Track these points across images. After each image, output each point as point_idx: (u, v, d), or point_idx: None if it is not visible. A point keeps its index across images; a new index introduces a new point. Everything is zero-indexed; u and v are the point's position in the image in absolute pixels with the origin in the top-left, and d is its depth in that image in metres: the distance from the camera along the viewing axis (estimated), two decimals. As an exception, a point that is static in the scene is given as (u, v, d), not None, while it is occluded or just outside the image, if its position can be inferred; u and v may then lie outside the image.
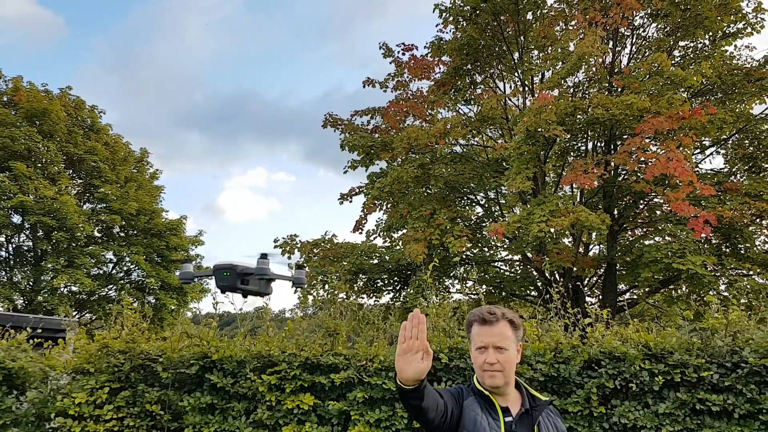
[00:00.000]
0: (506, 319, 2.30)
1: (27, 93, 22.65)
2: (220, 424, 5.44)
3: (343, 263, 14.51)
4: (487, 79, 15.74)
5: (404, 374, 1.96)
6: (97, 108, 25.03)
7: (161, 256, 24.14)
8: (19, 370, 5.82)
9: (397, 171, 13.47)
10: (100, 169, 23.23)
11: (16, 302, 21.76)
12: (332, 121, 16.91)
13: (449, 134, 13.42)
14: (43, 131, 22.15)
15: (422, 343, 1.95)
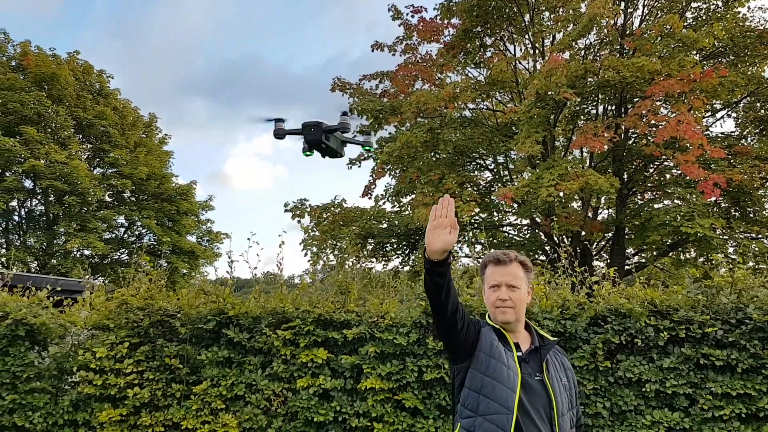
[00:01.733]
0: (518, 261, 2.42)
1: (35, 58, 22.64)
2: (237, 376, 5.64)
3: (353, 227, 14.65)
4: (497, 41, 15.60)
5: (433, 246, 2.11)
6: (105, 73, 25.03)
7: (172, 220, 24.39)
8: (41, 326, 6.02)
9: (406, 136, 13.49)
10: (109, 133, 23.33)
11: (30, 265, 22.11)
12: (341, 85, 16.87)
13: (458, 98, 13.39)
14: (52, 96, 22.20)
15: (450, 220, 2.12)
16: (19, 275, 8.26)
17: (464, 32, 14.30)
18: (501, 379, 2.20)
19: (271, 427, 5.56)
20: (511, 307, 2.34)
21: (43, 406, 5.81)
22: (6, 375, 5.82)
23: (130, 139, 24.21)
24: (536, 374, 2.28)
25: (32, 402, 5.81)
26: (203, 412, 5.66)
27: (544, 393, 2.24)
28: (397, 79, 16.32)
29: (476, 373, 2.25)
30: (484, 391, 2.20)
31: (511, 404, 2.16)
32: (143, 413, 5.72)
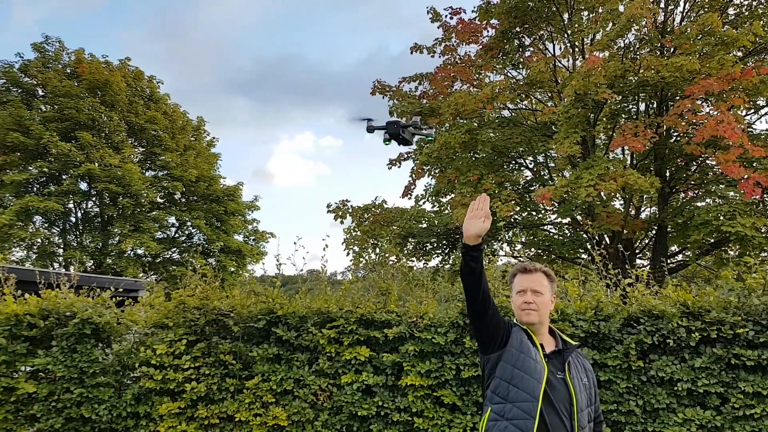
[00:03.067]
0: (542, 271, 2.75)
1: (89, 65, 23.65)
2: (286, 372, 6.02)
3: (393, 227, 14.95)
4: (536, 41, 15.66)
5: (469, 232, 2.51)
6: (155, 78, 25.98)
7: (220, 220, 25.19)
8: (105, 324, 6.51)
9: (445, 137, 13.70)
10: (160, 137, 24.25)
11: (87, 264, 23.15)
12: (380, 88, 17.15)
13: (497, 99, 13.53)
14: (105, 102, 23.18)
15: (485, 211, 2.51)
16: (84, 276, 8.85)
17: (502, 33, 14.43)
18: (529, 372, 2.49)
19: (318, 421, 5.92)
20: (535, 310, 2.64)
21: (108, 399, 6.29)
22: (74, 370, 6.32)
23: (180, 143, 25.07)
24: (559, 373, 2.56)
25: (98, 395, 6.29)
26: (255, 406, 6.05)
27: (566, 390, 2.51)
28: (436, 81, 16.52)
29: (507, 365, 2.54)
30: (514, 381, 2.50)
31: (537, 394, 2.44)
32: (200, 406, 6.15)
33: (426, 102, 16.96)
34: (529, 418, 2.43)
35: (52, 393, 6.33)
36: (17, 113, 21.61)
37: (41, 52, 23.86)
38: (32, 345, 6.52)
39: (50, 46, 24.09)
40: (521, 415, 2.44)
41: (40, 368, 6.37)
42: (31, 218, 22.34)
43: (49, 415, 6.32)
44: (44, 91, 23.32)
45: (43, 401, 6.34)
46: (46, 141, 21.15)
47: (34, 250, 23.13)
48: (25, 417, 6.42)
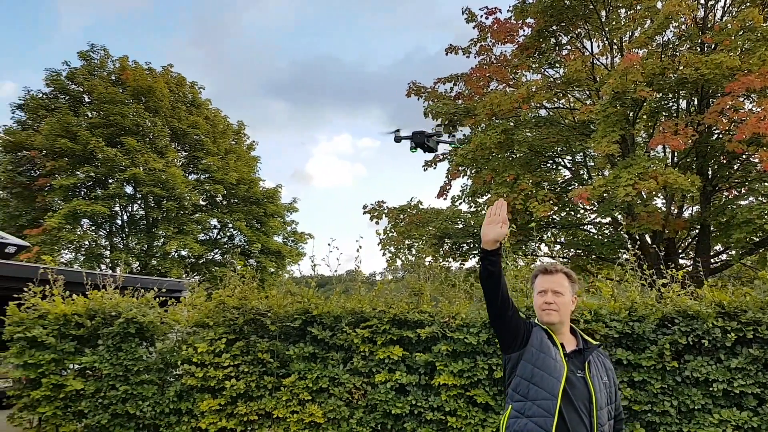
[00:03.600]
0: (563, 272, 2.81)
1: (133, 72, 24.36)
2: (321, 370, 6.16)
3: (429, 228, 15.00)
4: (573, 39, 15.51)
5: (487, 236, 2.59)
6: (197, 84, 26.59)
7: (260, 222, 25.65)
8: (149, 324, 6.76)
9: (480, 137, 13.69)
10: (202, 142, 24.83)
11: (133, 266, 23.85)
12: (416, 90, 17.23)
13: (533, 98, 13.46)
14: (149, 108, 23.85)
15: (502, 216, 2.59)
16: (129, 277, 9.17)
17: (538, 32, 14.34)
18: (549, 370, 2.56)
19: (353, 418, 6.04)
20: (555, 310, 2.70)
21: (151, 396, 6.53)
22: (119, 368, 6.58)
23: (221, 146, 25.61)
24: (579, 372, 2.61)
25: (142, 392, 6.54)
26: (292, 403, 6.21)
27: (585, 388, 2.57)
28: (472, 81, 16.52)
29: (527, 364, 2.61)
30: (534, 379, 2.57)
31: (556, 392, 2.50)
32: (239, 403, 6.34)
33: (461, 102, 16.96)
34: (549, 416, 2.49)
35: (99, 390, 6.60)
36: (65, 120, 22.41)
37: (87, 60, 24.69)
38: (80, 344, 6.81)
39: (95, 54, 24.94)
40: (541, 413, 2.51)
41: (87, 366, 6.66)
42: (79, 221, 23.12)
43: (96, 412, 6.60)
44: (90, 98, 24.12)
45: (90, 398, 6.62)
46: (93, 146, 21.87)
47: (82, 252, 23.91)
48: (73, 413, 6.71)
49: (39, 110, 23.72)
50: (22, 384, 6.84)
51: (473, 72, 16.68)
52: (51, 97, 24.24)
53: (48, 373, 6.70)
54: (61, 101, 23.96)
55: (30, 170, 23.57)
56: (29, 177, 23.31)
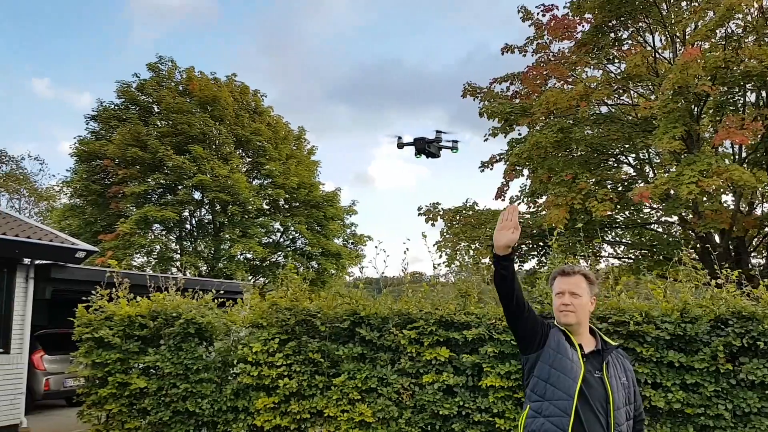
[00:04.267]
0: (582, 274, 2.81)
1: (199, 82, 25.25)
2: (370, 371, 6.27)
3: (485, 229, 14.88)
4: (634, 34, 15.08)
5: (499, 242, 2.62)
6: (260, 92, 27.32)
7: (320, 225, 26.10)
8: (207, 324, 7.05)
9: (536, 137, 13.50)
10: (264, 148, 25.48)
11: (201, 269, 24.70)
12: (471, 91, 17.14)
13: (591, 95, 13.17)
14: (214, 116, 24.66)
15: (513, 223, 2.61)
16: (190, 279, 9.58)
17: (596, 28, 14.03)
18: (565, 371, 2.58)
19: (402, 418, 6.12)
20: (572, 311, 2.71)
21: (210, 394, 6.80)
22: (180, 367, 6.89)
23: (283, 152, 26.20)
24: (596, 372, 2.62)
25: (201, 390, 6.82)
26: (342, 402, 6.34)
27: (602, 388, 2.57)
28: (528, 80, 16.31)
29: (544, 365, 2.64)
30: (551, 380, 2.59)
31: (573, 392, 2.52)
32: (292, 401, 6.53)
33: (519, 101, 16.78)
34: (565, 416, 2.51)
35: (161, 388, 6.93)
36: (135, 130, 23.46)
37: (156, 72, 25.75)
38: (143, 344, 7.18)
39: (163, 65, 25.95)
40: (557, 413, 2.53)
41: (150, 365, 7.00)
42: (150, 226, 24.12)
43: (158, 409, 6.93)
44: (159, 108, 25.14)
45: (153, 395, 6.96)
46: (162, 155, 22.81)
47: (154, 255, 24.95)
48: (137, 410, 7.08)
49: (111, 121, 24.90)
50: (90, 382, 7.26)
51: (529, 70, 16.46)
52: (122, 107, 25.41)
53: (114, 371, 7.10)
54: (132, 112, 25.09)
55: (104, 178, 24.77)
56: (103, 185, 24.48)
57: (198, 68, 25.98)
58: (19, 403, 8.33)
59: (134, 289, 7.75)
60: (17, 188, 37.02)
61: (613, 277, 6.32)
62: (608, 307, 5.56)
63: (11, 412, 8.22)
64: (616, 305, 5.55)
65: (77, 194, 25.54)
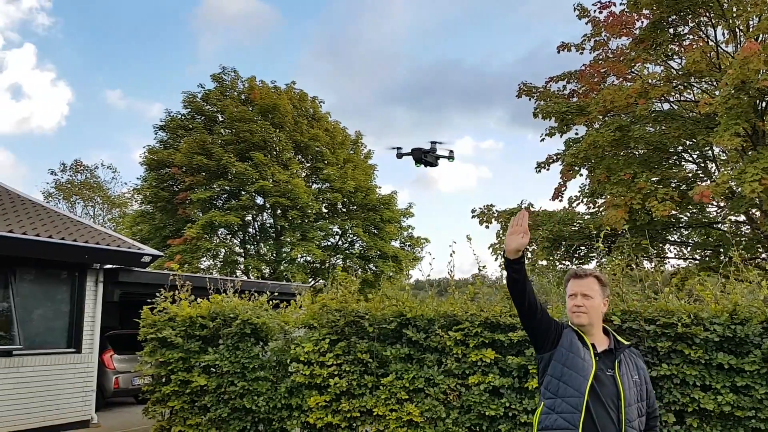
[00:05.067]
0: (594, 276, 2.89)
1: (260, 90, 26.03)
2: (417, 371, 6.39)
3: (539, 231, 14.73)
4: (695, 29, 14.61)
5: (509, 246, 2.74)
6: (318, 98, 27.93)
7: (377, 228, 26.40)
8: (262, 325, 7.35)
9: (593, 136, 13.28)
10: (322, 153, 26.02)
11: (264, 271, 25.41)
12: (526, 90, 17.00)
13: (650, 92, 12.85)
14: (274, 123, 25.36)
15: (523, 228, 2.71)
16: (246, 281, 9.97)
17: (653, 24, 13.68)
18: (577, 369, 2.67)
19: (449, 418, 6.21)
20: (584, 312, 2.79)
21: (265, 392, 7.08)
22: (237, 365, 7.21)
23: (340, 157, 26.67)
24: (608, 370, 2.69)
25: (257, 388, 7.11)
26: (390, 402, 6.49)
27: (614, 386, 2.65)
28: (585, 78, 16.04)
29: (557, 363, 2.74)
30: (563, 378, 2.69)
31: (583, 390, 2.61)
32: (342, 400, 6.72)
33: (576, 100, 16.53)
34: (576, 412, 2.60)
35: (220, 386, 7.27)
36: (201, 138, 24.40)
37: (219, 82, 26.72)
38: (203, 343, 7.55)
39: (227, 75, 26.91)
40: (569, 409, 2.62)
41: (210, 363, 7.35)
42: (216, 231, 25.01)
43: (218, 406, 7.27)
44: (223, 117, 26.07)
45: (213, 393, 7.30)
46: (226, 162, 23.64)
47: (219, 259, 25.85)
48: (198, 407, 7.44)
49: (178, 130, 26.00)
50: (154, 380, 7.68)
51: (586, 68, 16.20)
52: (189, 117, 26.48)
53: (176, 370, 7.49)
54: (197, 121, 26.11)
55: (172, 185, 25.88)
56: (171, 192, 25.58)
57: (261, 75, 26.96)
58: (89, 400, 8.89)
59: (196, 291, 8.15)
60: (92, 196, 39.03)
61: (679, 278, 6.24)
62: (656, 309, 5.49)
63: (82, 409, 8.78)
64: (664, 307, 5.48)
65: (147, 201, 26.78)
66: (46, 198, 37.66)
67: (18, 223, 8.14)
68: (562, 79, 16.96)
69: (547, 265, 16.00)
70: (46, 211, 9.51)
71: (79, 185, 38.86)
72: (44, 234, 8.01)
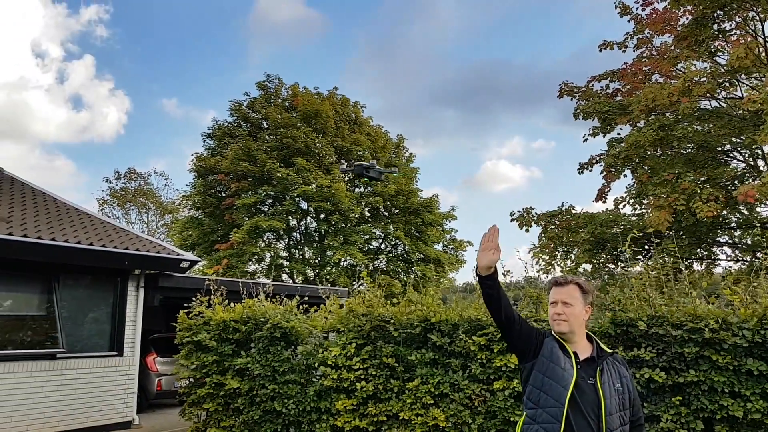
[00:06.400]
0: (575, 283, 2.87)
1: (302, 97, 26.41)
2: (442, 376, 6.40)
3: (581, 233, 14.45)
4: (741, 24, 14.12)
5: (481, 263, 2.74)
6: (359, 103, 28.13)
7: (419, 231, 26.40)
8: (291, 329, 7.47)
9: (634, 136, 12.97)
10: (363, 157, 26.17)
11: (308, 275, 25.73)
12: (567, 90, 16.74)
13: (693, 90, 12.47)
14: (316, 129, 25.69)
15: (494, 244, 2.73)
16: (278, 285, 10.15)
17: (695, 21, 13.28)
18: (556, 379, 2.66)
19: (474, 423, 6.19)
20: (564, 320, 2.78)
21: (295, 395, 7.20)
22: (268, 369, 7.35)
23: (381, 161, 26.78)
24: (590, 378, 2.66)
25: (287, 391, 7.23)
26: (416, 406, 6.51)
27: (595, 394, 2.63)
28: (628, 76, 15.70)
29: (538, 373, 2.74)
30: (544, 388, 2.69)
31: (563, 400, 2.60)
32: (369, 404, 6.78)
33: (619, 99, 16.19)
34: (556, 422, 2.59)
35: (252, 388, 7.42)
36: (246, 145, 24.91)
37: (264, 90, 27.23)
38: (237, 346, 7.72)
39: (271, 83, 27.40)
40: (549, 420, 2.62)
41: (242, 366, 7.52)
42: (262, 235, 25.47)
43: (250, 408, 7.42)
44: (267, 124, 26.55)
45: (245, 395, 7.46)
46: (269, 168, 24.06)
47: (265, 263, 26.30)
48: (232, 409, 7.62)
49: (225, 138, 26.61)
50: (190, 383, 7.90)
51: (629, 66, 15.85)
52: (235, 125, 27.07)
53: (211, 373, 7.69)
54: (243, 128, 26.66)
55: (219, 192, 26.49)
56: (218, 198, 26.19)
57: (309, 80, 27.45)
58: (131, 401, 9.20)
59: (231, 295, 8.36)
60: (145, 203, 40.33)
61: (731, 280, 6.07)
62: (684, 314, 5.36)
63: (124, 410, 9.10)
64: (693, 311, 5.34)
65: (195, 207, 27.49)
66: (101, 205, 39.13)
67: (61, 231, 8.52)
68: (604, 78, 16.65)
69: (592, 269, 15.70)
70: (90, 219, 9.91)
71: (132, 192, 40.22)
72: (86, 241, 8.36)
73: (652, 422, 5.30)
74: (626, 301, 5.75)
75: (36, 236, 7.84)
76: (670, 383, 5.26)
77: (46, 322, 8.24)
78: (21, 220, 8.43)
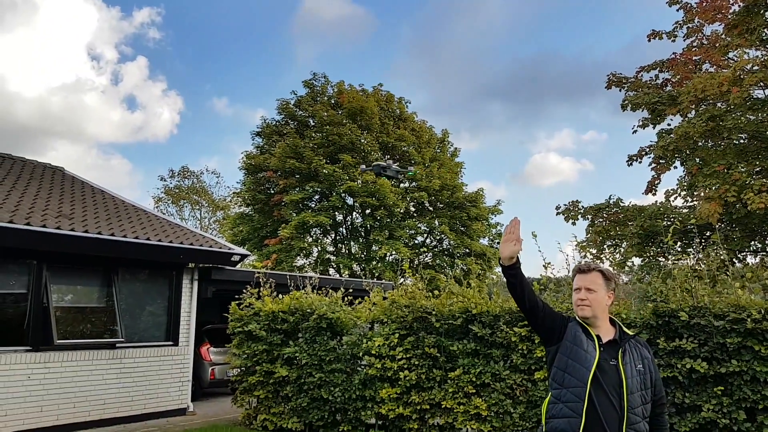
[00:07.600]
0: (598, 270, 2.98)
1: (348, 94, 26.71)
2: (483, 366, 6.53)
3: (630, 227, 14.23)
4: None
5: (503, 254, 2.87)
6: (404, 99, 28.27)
7: (464, 225, 26.39)
8: (336, 320, 7.73)
9: (683, 127, 12.70)
10: (408, 153, 26.34)
11: (354, 269, 26.05)
12: (615, 81, 16.45)
13: (743, 80, 12.14)
14: (361, 125, 25.94)
15: (515, 235, 2.85)
16: (323, 278, 10.41)
17: (746, 8, 12.90)
18: (580, 361, 2.79)
19: (516, 412, 6.31)
20: (588, 305, 2.90)
21: (341, 383, 7.44)
22: (314, 358, 7.62)
23: (426, 156, 26.87)
24: (612, 360, 2.79)
25: (333, 380, 7.49)
26: (458, 395, 6.66)
27: (617, 374, 2.75)
28: (678, 66, 15.36)
29: (562, 356, 2.87)
30: (568, 369, 2.82)
31: (586, 380, 2.74)
32: (413, 392, 6.97)
33: (669, 89, 15.84)
34: (579, 401, 2.72)
35: (300, 377, 7.71)
36: (293, 143, 25.37)
37: (310, 88, 27.65)
38: (285, 336, 8.03)
39: (317, 81, 27.80)
40: (573, 399, 2.75)
41: (290, 355, 7.81)
42: (309, 231, 25.92)
43: (298, 396, 7.71)
44: (313, 122, 26.96)
45: (293, 383, 7.76)
46: (316, 165, 24.47)
47: (312, 257, 26.77)
48: (281, 396, 7.92)
49: (273, 136, 27.15)
50: (242, 371, 8.25)
51: (679, 56, 15.50)
52: (282, 123, 27.61)
53: (261, 361, 8.02)
54: (290, 126, 27.15)
55: (268, 188, 27.08)
56: (267, 194, 26.76)
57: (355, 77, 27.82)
58: (186, 389, 9.62)
59: (279, 287, 8.67)
60: (198, 200, 41.46)
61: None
62: (726, 305, 5.35)
63: (179, 398, 9.51)
64: (735, 302, 5.32)
65: (246, 203, 28.17)
66: (156, 202, 40.41)
67: (120, 227, 8.96)
68: (653, 68, 16.30)
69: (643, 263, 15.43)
70: (146, 216, 10.37)
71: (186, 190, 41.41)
72: (143, 237, 8.78)
73: (694, 412, 5.32)
74: (668, 292, 5.76)
75: (96, 232, 8.28)
76: (711, 373, 5.26)
77: (106, 314, 8.70)
78: (82, 216, 8.91)
